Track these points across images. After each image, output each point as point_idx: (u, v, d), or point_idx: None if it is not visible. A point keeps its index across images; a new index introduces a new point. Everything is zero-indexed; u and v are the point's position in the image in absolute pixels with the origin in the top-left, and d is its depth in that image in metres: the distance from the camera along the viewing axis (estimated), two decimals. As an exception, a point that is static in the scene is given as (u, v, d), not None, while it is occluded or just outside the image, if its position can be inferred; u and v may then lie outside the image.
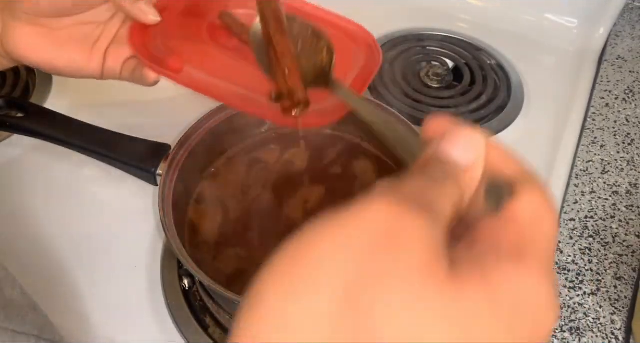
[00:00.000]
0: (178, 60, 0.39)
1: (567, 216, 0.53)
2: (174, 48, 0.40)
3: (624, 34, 0.74)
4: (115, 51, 0.41)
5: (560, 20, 0.73)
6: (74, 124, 0.47)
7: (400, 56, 0.68)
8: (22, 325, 0.29)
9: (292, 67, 0.36)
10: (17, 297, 0.30)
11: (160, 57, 0.39)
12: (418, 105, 0.62)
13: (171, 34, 0.41)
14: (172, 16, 0.42)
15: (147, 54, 0.39)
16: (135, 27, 0.40)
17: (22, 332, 0.28)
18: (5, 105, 0.49)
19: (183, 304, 0.46)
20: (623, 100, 0.65)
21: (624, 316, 0.47)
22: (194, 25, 0.43)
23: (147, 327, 0.46)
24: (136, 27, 0.40)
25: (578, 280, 0.49)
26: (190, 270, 0.37)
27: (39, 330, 0.30)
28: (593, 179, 0.57)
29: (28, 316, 0.30)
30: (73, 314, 0.46)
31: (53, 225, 0.52)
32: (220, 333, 0.45)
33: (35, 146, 0.57)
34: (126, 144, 0.46)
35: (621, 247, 0.51)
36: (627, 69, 0.69)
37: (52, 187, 0.55)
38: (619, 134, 0.61)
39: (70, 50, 0.40)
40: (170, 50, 0.40)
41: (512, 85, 0.66)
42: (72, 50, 0.40)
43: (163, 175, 0.43)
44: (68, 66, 0.40)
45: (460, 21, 0.75)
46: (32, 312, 0.31)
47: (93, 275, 0.49)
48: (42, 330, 0.31)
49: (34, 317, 0.31)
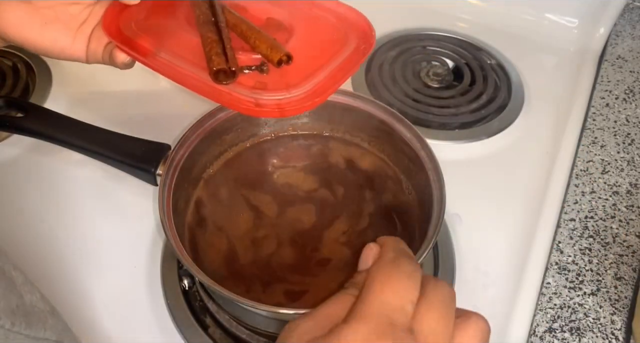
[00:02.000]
0: (149, 42, 0.39)
1: (567, 216, 0.53)
2: (148, 30, 0.40)
3: (624, 33, 0.74)
4: (99, 33, 0.40)
5: (561, 20, 0.73)
6: (73, 124, 0.47)
7: (400, 56, 0.68)
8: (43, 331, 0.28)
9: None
10: (37, 302, 0.30)
11: (132, 38, 0.39)
12: (418, 105, 0.62)
13: (148, 16, 0.41)
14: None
15: (118, 34, 0.39)
16: (113, 6, 0.40)
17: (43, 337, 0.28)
18: (4, 105, 0.49)
19: (183, 304, 0.46)
20: (623, 100, 0.65)
21: (624, 316, 0.47)
22: (171, 7, 0.42)
23: (147, 327, 0.46)
24: (114, 6, 0.40)
25: (578, 280, 0.49)
26: (190, 270, 0.37)
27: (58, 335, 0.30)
28: (593, 179, 0.57)
29: (48, 321, 0.30)
30: (73, 314, 0.46)
31: (53, 225, 0.52)
32: (220, 333, 0.45)
33: (35, 146, 0.57)
34: (126, 144, 0.46)
35: (621, 247, 0.51)
36: (627, 68, 0.69)
37: (52, 187, 0.55)
38: (619, 134, 0.61)
39: (55, 29, 0.39)
40: (143, 32, 0.39)
41: (513, 85, 0.66)
42: (57, 30, 0.39)
43: (163, 175, 0.43)
44: (51, 46, 0.39)
45: (460, 21, 0.75)
46: (52, 317, 0.31)
47: (93, 275, 0.49)
48: (60, 335, 0.31)
49: (54, 322, 0.30)
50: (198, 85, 0.37)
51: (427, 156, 0.44)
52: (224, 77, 0.37)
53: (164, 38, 0.40)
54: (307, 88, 0.37)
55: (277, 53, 0.37)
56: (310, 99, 0.37)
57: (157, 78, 0.68)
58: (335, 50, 0.40)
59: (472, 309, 0.47)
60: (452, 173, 0.43)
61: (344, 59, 0.39)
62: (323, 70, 0.38)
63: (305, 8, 0.43)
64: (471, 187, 0.55)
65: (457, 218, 0.53)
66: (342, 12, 0.42)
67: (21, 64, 0.64)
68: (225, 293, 0.36)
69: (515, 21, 0.74)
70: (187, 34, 0.40)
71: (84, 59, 0.41)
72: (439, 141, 0.59)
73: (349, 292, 0.28)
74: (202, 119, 0.47)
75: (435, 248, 0.50)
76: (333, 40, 0.41)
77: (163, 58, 0.38)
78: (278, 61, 0.38)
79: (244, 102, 0.36)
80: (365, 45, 0.40)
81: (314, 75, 0.37)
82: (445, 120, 0.61)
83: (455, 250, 0.50)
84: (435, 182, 0.43)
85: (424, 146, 0.45)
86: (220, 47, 0.38)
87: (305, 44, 0.40)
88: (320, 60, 0.39)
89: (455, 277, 0.48)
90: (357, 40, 0.41)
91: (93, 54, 0.41)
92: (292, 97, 0.36)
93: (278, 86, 0.37)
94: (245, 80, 0.37)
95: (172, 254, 0.48)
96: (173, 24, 0.41)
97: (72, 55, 0.40)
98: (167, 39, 0.40)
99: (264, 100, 0.36)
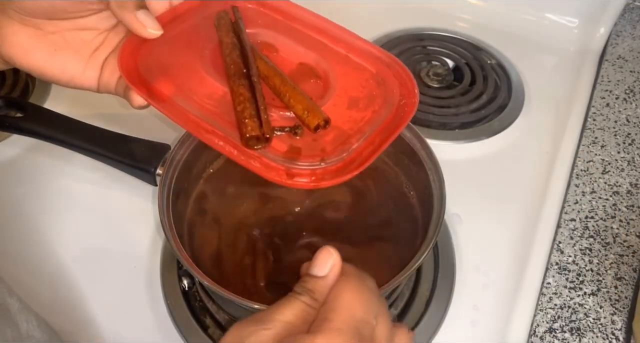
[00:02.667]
0: (168, 87, 0.34)
1: (567, 216, 0.53)
2: (168, 70, 0.35)
3: (625, 33, 0.74)
4: (112, 62, 0.37)
5: (561, 20, 0.73)
6: (73, 124, 0.47)
7: (400, 56, 0.68)
8: None
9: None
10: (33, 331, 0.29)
11: (149, 80, 0.34)
12: (418, 105, 0.62)
13: (170, 52, 0.36)
14: (174, 32, 0.36)
15: (135, 74, 0.34)
16: (130, 41, 0.35)
17: None
18: (4, 105, 0.49)
19: (183, 304, 0.46)
20: (623, 100, 0.65)
21: (624, 316, 0.47)
22: (196, 43, 0.37)
23: (146, 327, 0.46)
24: (132, 40, 0.35)
25: (578, 281, 0.49)
26: (190, 270, 0.37)
27: None
28: (593, 179, 0.57)
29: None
30: (72, 314, 0.46)
31: (52, 225, 0.52)
32: (219, 333, 0.45)
33: (35, 146, 0.57)
34: (126, 144, 0.46)
35: (622, 247, 0.51)
36: (627, 68, 0.69)
37: (52, 187, 0.55)
38: (620, 134, 0.61)
39: (65, 56, 0.36)
40: (163, 74, 0.35)
41: (513, 85, 0.66)
42: (67, 57, 0.36)
43: (163, 175, 0.43)
44: (60, 74, 0.36)
45: (460, 21, 0.75)
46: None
47: (93, 275, 0.48)
48: None
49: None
50: (222, 145, 0.33)
51: (427, 156, 0.44)
52: (255, 142, 0.32)
53: (186, 81, 0.35)
54: (343, 156, 0.32)
55: (314, 118, 0.33)
56: (346, 168, 0.32)
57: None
58: (374, 107, 0.35)
59: (472, 309, 0.47)
60: (452, 173, 0.43)
61: (384, 120, 0.35)
62: (361, 133, 0.34)
63: (342, 52, 0.38)
64: (471, 187, 0.55)
65: (457, 218, 0.53)
66: (380, 57, 0.37)
67: (21, 64, 0.64)
68: (225, 293, 0.36)
69: (515, 21, 0.74)
70: (211, 80, 0.35)
71: (95, 88, 0.37)
72: (439, 141, 0.59)
73: (302, 299, 0.27)
74: (202, 119, 0.46)
75: (435, 248, 0.50)
76: (372, 95, 0.36)
77: (183, 107, 0.34)
78: (315, 127, 0.33)
79: (276, 170, 0.32)
80: (407, 101, 0.35)
81: (351, 140, 0.33)
82: (445, 120, 0.61)
83: (455, 250, 0.50)
84: (435, 182, 0.43)
85: (424, 146, 0.45)
86: (254, 108, 0.33)
87: (341, 99, 0.35)
88: (357, 121, 0.34)
89: (455, 277, 0.48)
90: (399, 96, 0.36)
91: (105, 85, 0.37)
92: (327, 166, 0.32)
93: (313, 153, 0.33)
94: (276, 144, 0.33)
95: (172, 254, 0.48)
96: (197, 64, 0.36)
97: (82, 84, 0.37)
98: (189, 84, 0.35)
99: (297, 169, 0.32)
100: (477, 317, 0.47)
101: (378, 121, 0.34)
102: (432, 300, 0.47)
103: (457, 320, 0.46)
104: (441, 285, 0.48)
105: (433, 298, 0.47)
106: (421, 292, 0.48)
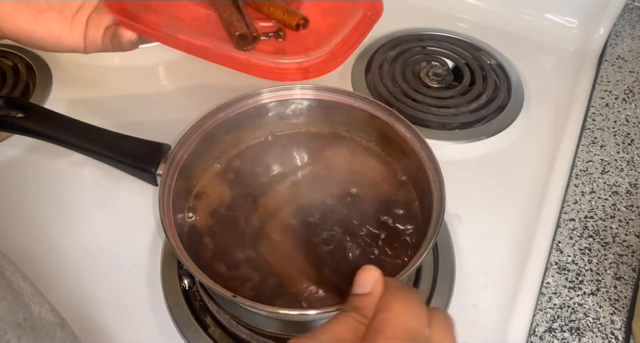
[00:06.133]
0: (156, 17, 0.38)
1: (567, 216, 0.53)
2: (150, 4, 0.39)
3: (624, 33, 0.74)
4: (96, 18, 0.39)
5: (560, 20, 0.73)
6: (74, 124, 0.47)
7: (400, 56, 0.68)
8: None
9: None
10: (45, 314, 0.29)
11: (137, 14, 0.38)
12: (418, 105, 0.62)
13: None
14: None
15: (121, 10, 0.38)
16: None
17: None
18: (5, 105, 0.49)
19: (183, 304, 0.46)
20: (623, 100, 0.65)
21: (623, 316, 0.47)
22: None
23: (147, 327, 0.46)
24: None
25: (578, 280, 0.49)
26: (190, 270, 0.37)
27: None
28: (593, 179, 0.57)
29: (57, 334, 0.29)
30: (72, 314, 0.46)
31: (53, 225, 0.52)
32: (220, 333, 0.45)
33: (35, 146, 0.57)
34: (126, 144, 0.46)
35: (621, 247, 0.51)
36: (627, 69, 0.69)
37: (52, 187, 0.55)
38: (619, 134, 0.61)
39: (49, 18, 0.38)
40: (148, 8, 0.39)
41: (512, 85, 0.66)
42: (51, 19, 0.38)
43: (163, 175, 0.43)
44: (47, 36, 0.38)
45: (460, 21, 0.75)
46: (61, 330, 0.30)
47: (93, 275, 0.49)
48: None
49: (63, 335, 0.30)
50: (214, 54, 0.37)
51: (427, 156, 0.44)
52: (244, 43, 0.37)
53: (170, 10, 0.39)
54: (325, 51, 0.38)
55: (294, 17, 0.39)
56: (331, 60, 0.38)
57: (157, 78, 0.68)
58: (344, 16, 0.41)
59: (472, 309, 0.47)
60: (452, 173, 0.43)
61: (355, 24, 0.40)
62: (337, 34, 0.39)
63: None
64: (471, 187, 0.55)
65: (457, 218, 0.53)
66: None
67: (22, 64, 0.64)
68: (226, 293, 0.36)
69: (515, 21, 0.74)
70: (193, 5, 0.40)
71: (82, 47, 0.40)
72: (439, 141, 0.59)
73: (352, 315, 0.27)
74: (202, 119, 0.47)
75: (435, 248, 0.50)
76: (340, 7, 0.42)
77: (174, 30, 0.38)
78: (296, 25, 0.38)
79: (265, 67, 0.37)
80: (372, 12, 0.42)
81: (329, 39, 0.39)
82: (445, 120, 0.62)
83: (455, 250, 0.50)
84: (435, 182, 0.43)
85: (424, 146, 0.45)
86: (239, 13, 0.38)
87: (315, 11, 0.41)
88: (332, 26, 0.40)
89: (455, 277, 0.48)
90: (364, 8, 0.42)
91: (92, 42, 0.40)
92: (312, 60, 0.37)
93: (297, 50, 0.38)
94: (263, 47, 0.38)
95: (172, 254, 0.49)
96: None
97: (69, 44, 0.39)
98: (174, 12, 0.39)
99: (285, 64, 0.37)
100: (477, 316, 0.47)
101: (350, 25, 0.40)
102: (432, 299, 0.47)
103: (457, 319, 0.46)
104: (441, 285, 0.48)
105: (433, 298, 0.47)
106: (421, 291, 0.48)
